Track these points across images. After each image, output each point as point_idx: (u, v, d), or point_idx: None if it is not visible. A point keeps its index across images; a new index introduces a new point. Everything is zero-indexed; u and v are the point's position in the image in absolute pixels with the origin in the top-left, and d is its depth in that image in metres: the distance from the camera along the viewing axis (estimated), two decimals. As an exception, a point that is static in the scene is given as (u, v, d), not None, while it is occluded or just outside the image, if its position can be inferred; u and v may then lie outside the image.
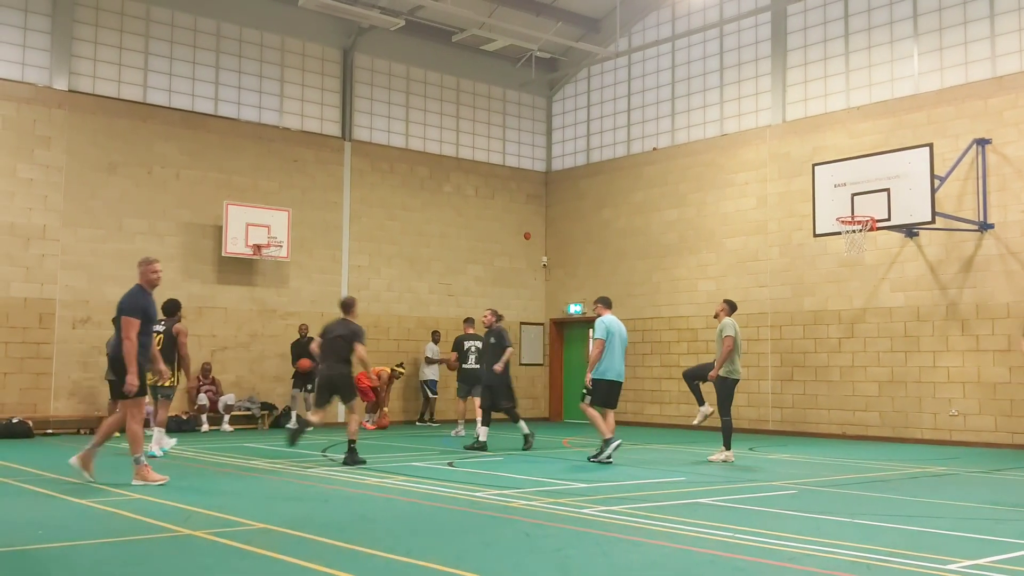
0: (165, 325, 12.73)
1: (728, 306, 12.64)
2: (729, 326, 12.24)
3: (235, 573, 5.61)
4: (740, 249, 18.59)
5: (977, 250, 15.35)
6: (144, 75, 17.66)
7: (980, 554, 6.12)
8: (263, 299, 18.37)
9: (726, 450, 12.26)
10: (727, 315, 12.48)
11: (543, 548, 6.32)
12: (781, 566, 5.78)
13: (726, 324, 12.28)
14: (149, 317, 9.41)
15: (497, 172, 22.02)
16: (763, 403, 18.01)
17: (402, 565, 5.73)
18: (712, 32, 19.68)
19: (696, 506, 8.27)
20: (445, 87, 21.51)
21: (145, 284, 9.56)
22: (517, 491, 9.02)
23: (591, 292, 21.37)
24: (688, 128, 20.01)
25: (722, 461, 12.15)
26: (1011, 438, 14.78)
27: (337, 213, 19.56)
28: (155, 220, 17.40)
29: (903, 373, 16.09)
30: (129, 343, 9.18)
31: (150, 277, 9.60)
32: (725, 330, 12.22)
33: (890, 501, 8.81)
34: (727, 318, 12.42)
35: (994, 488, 10.03)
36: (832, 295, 17.08)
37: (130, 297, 9.39)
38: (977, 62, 15.79)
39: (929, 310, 15.87)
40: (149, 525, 7.03)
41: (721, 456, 12.24)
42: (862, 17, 17.31)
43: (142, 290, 9.50)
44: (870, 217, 14.88)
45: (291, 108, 19.32)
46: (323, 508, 8.17)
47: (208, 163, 18.07)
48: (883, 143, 16.24)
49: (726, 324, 12.28)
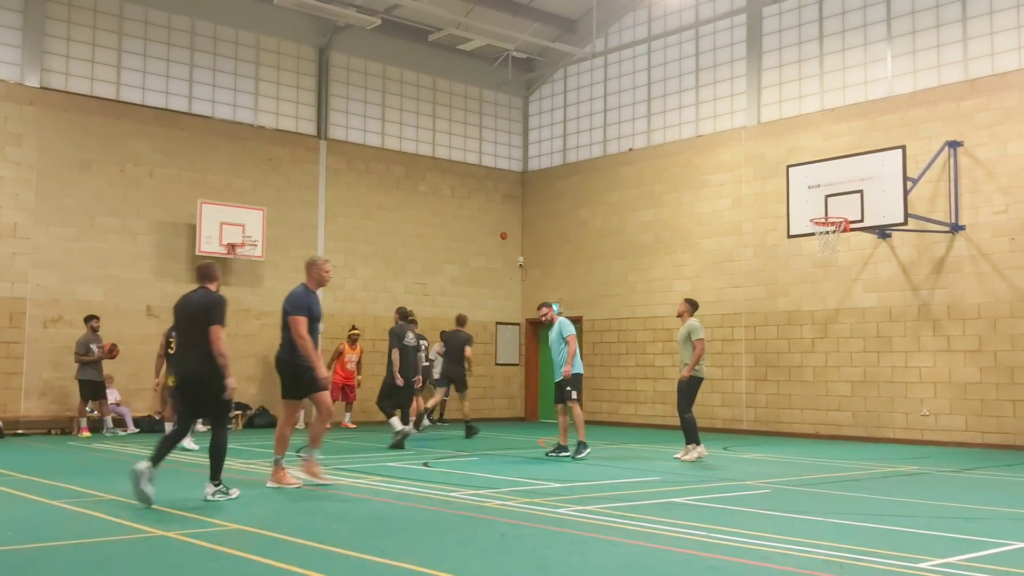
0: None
1: (691, 306, 12.58)
2: (698, 328, 12.25)
3: (208, 574, 5.57)
4: (715, 250, 18.68)
5: (949, 251, 15.50)
6: (117, 72, 17.52)
7: (951, 552, 6.18)
8: (237, 298, 18.23)
9: (696, 446, 12.29)
10: (691, 315, 12.45)
11: (518, 548, 6.32)
12: (756, 565, 5.81)
13: (695, 327, 12.26)
14: (314, 315, 9.27)
15: (473, 172, 22.01)
16: (737, 403, 18.10)
17: (376, 565, 5.71)
18: (688, 33, 19.76)
19: (671, 505, 8.29)
20: (421, 86, 21.47)
21: (315, 283, 9.49)
22: (492, 491, 9.01)
23: (567, 292, 21.43)
24: (664, 129, 20.08)
25: (696, 458, 12.15)
26: (981, 438, 14.94)
27: (312, 212, 19.48)
28: (128, 219, 17.26)
29: (875, 373, 16.23)
30: (304, 341, 9.10)
31: (322, 275, 9.57)
32: (695, 332, 12.20)
33: (863, 500, 8.88)
34: (692, 319, 12.39)
35: (965, 487, 10.14)
36: (806, 296, 17.20)
37: (296, 296, 9.27)
38: (949, 65, 15.95)
39: (901, 311, 16.01)
40: (122, 526, 6.97)
41: (694, 454, 12.25)
42: (836, 20, 17.44)
43: (307, 289, 9.41)
44: (843, 218, 14.99)
45: (266, 107, 19.22)
46: (297, 509, 8.13)
47: (182, 161, 17.94)
48: (857, 145, 16.36)
49: (695, 327, 12.26)
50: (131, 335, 17.05)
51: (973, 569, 5.66)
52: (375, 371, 19.79)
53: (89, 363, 15.56)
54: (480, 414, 21.02)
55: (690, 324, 12.30)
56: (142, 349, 17.20)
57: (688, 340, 12.25)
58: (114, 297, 17.01)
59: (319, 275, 9.50)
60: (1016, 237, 14.80)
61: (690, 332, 12.23)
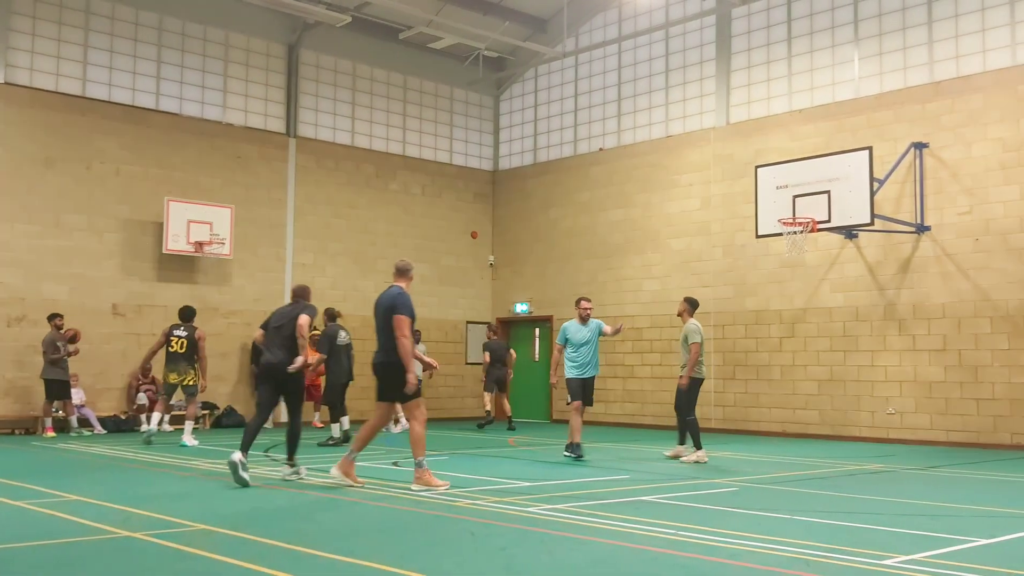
0: (187, 331, 14.08)
1: (690, 305, 12.33)
2: (695, 331, 12.01)
3: (175, 575, 5.52)
4: (684, 249, 18.78)
5: (914, 252, 15.68)
6: (83, 68, 17.32)
7: (916, 549, 6.25)
8: (205, 297, 18.10)
9: (698, 450, 11.90)
10: (691, 315, 12.21)
11: (488, 547, 6.32)
12: (722, 563, 5.84)
13: (692, 330, 12.01)
14: (414, 317, 9.25)
15: (444, 171, 21.97)
16: (705, 401, 18.16)
17: (345, 565, 5.69)
18: (658, 34, 19.84)
19: (640, 504, 8.33)
20: (392, 84, 21.40)
21: (408, 285, 9.40)
22: (462, 490, 9.00)
23: (538, 291, 21.45)
24: (634, 129, 20.15)
25: (695, 462, 11.76)
26: (946, 435, 15.12)
27: (281, 210, 19.36)
28: (94, 216, 17.07)
29: (842, 372, 16.38)
30: (407, 341, 9.01)
31: (412, 277, 9.60)
32: (692, 336, 11.95)
33: (829, 498, 8.96)
34: (692, 320, 12.15)
35: (930, 485, 10.26)
36: (773, 295, 17.32)
37: (401, 297, 9.15)
38: (915, 68, 16.13)
39: (867, 310, 16.17)
40: (86, 527, 6.89)
41: (694, 456, 11.86)
42: (804, 22, 17.58)
43: (405, 291, 9.31)
44: (811, 219, 15.12)
45: (235, 104, 19.08)
46: (265, 509, 8.07)
47: (149, 159, 17.76)
48: (824, 146, 16.51)
49: (692, 330, 12.01)
50: (96, 334, 16.87)
51: (938, 566, 5.72)
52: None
53: (56, 362, 15.37)
54: (450, 413, 21.02)
55: (688, 326, 12.07)
56: (108, 348, 17.04)
57: (685, 342, 12.05)
58: (79, 295, 16.82)
59: (411, 277, 9.50)
60: (980, 238, 15.00)
61: (687, 335, 12.01)
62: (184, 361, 14.03)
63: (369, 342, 20.78)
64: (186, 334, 14.07)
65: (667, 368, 18.75)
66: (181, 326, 14.20)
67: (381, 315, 9.11)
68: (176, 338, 14.09)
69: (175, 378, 13.99)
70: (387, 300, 9.17)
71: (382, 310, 9.14)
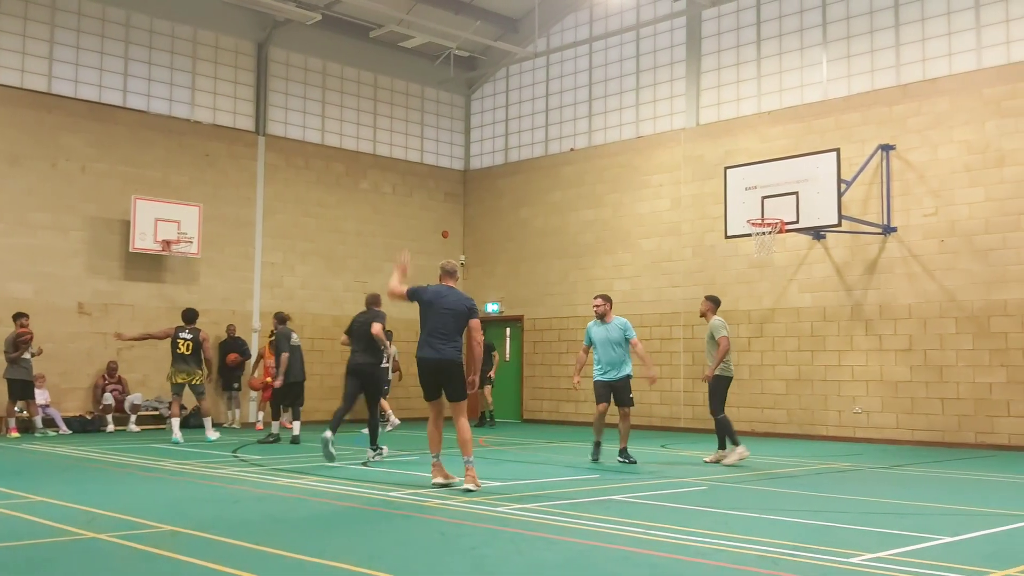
0: (191, 333, 14.67)
1: (713, 303, 12.08)
2: (721, 327, 11.76)
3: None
4: (655, 250, 18.85)
5: (881, 252, 15.84)
6: (49, 64, 17.09)
7: (882, 547, 6.31)
8: (172, 296, 17.94)
9: (736, 446, 11.66)
10: (714, 313, 11.97)
11: (458, 547, 6.31)
12: (693, 561, 5.87)
13: (717, 325, 11.78)
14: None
15: (415, 170, 21.91)
16: (675, 401, 18.29)
17: (314, 566, 5.66)
18: (629, 35, 19.91)
19: (609, 503, 8.34)
20: (362, 83, 21.32)
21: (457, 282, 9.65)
22: (432, 490, 8.98)
23: (509, 291, 21.45)
24: (605, 129, 20.20)
25: (738, 460, 11.52)
26: (911, 435, 15.29)
27: (250, 209, 19.23)
28: (60, 214, 16.86)
29: (809, 372, 16.52)
30: (480, 346, 9.44)
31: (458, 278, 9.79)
32: (718, 331, 11.72)
33: (797, 496, 9.03)
34: (716, 317, 11.91)
35: (895, 483, 10.37)
36: (742, 295, 17.43)
37: (469, 299, 9.40)
38: (882, 70, 16.29)
39: (835, 310, 16.32)
40: (51, 528, 6.81)
41: (734, 456, 11.58)
42: (773, 24, 17.71)
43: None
44: (779, 219, 15.23)
45: (203, 101, 18.91)
46: (233, 509, 8.01)
47: (116, 156, 17.57)
48: (793, 147, 16.64)
49: (717, 325, 11.78)
50: (62, 333, 16.67)
51: (902, 564, 5.78)
52: (312, 370, 19.60)
53: (15, 360, 15.16)
54: (420, 414, 20.93)
55: (713, 323, 11.84)
56: (73, 347, 16.84)
57: (711, 339, 11.81)
58: (45, 294, 16.61)
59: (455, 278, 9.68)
60: (945, 239, 15.18)
61: (712, 331, 11.79)
62: (190, 362, 14.59)
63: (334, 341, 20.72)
64: (191, 336, 14.64)
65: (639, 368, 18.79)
66: (186, 328, 14.75)
67: (451, 315, 9.16)
68: (182, 340, 14.61)
69: (183, 378, 14.55)
70: (459, 302, 9.26)
71: (452, 311, 9.17)
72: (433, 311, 9.17)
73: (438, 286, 9.38)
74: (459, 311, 9.19)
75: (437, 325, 9.13)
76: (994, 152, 14.85)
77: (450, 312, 9.15)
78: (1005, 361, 14.49)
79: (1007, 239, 14.60)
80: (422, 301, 9.25)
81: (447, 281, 9.44)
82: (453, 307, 9.18)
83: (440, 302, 9.20)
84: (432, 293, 9.27)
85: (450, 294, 9.31)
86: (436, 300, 9.21)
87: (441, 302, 9.20)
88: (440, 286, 9.38)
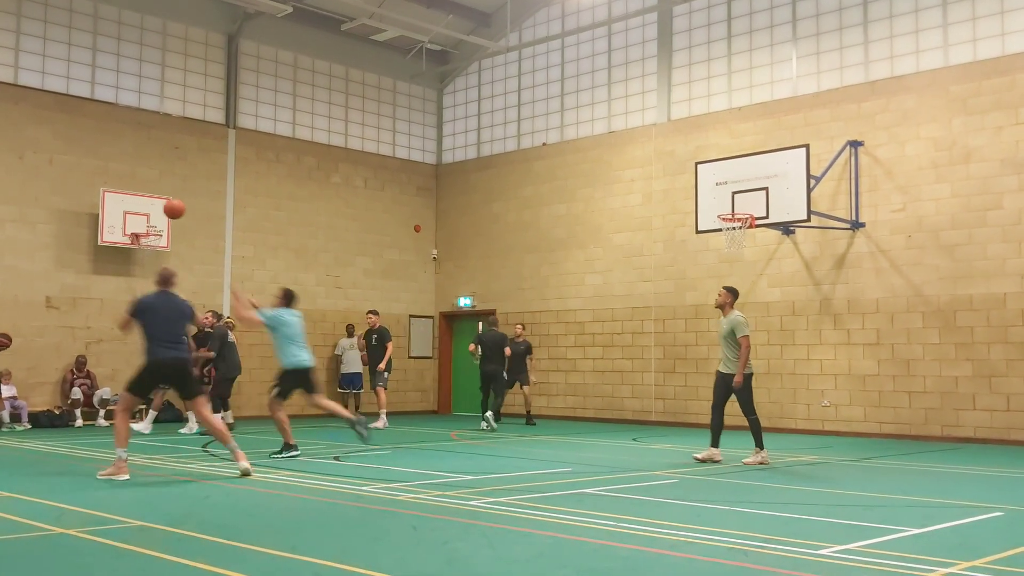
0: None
1: (732, 295, 11.28)
2: (744, 324, 11.08)
3: (113, 573, 5.43)
4: (626, 244, 18.93)
5: (849, 248, 16.00)
6: (15, 55, 16.88)
7: (850, 539, 6.39)
8: (142, 289, 17.69)
9: (761, 450, 11.23)
10: (732, 306, 11.23)
11: (430, 541, 6.32)
12: (663, 553, 5.92)
13: (740, 323, 11.07)
14: None
15: (387, 164, 21.85)
16: (646, 394, 18.38)
17: (286, 561, 5.65)
18: (600, 30, 19.95)
19: (581, 496, 8.39)
20: (334, 76, 21.22)
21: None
22: (404, 484, 8.98)
23: (481, 285, 21.46)
24: (577, 124, 20.25)
25: (759, 463, 11.07)
26: (879, 427, 15.48)
27: (220, 202, 19.09)
28: (26, 207, 16.66)
29: (779, 365, 16.67)
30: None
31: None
32: (741, 329, 11.01)
33: (766, 489, 9.12)
34: (737, 312, 11.22)
35: (863, 476, 10.49)
36: (713, 290, 17.47)
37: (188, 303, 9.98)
38: (851, 67, 16.44)
39: (804, 305, 16.47)
40: (19, 524, 6.75)
41: (758, 458, 11.16)
42: (744, 20, 17.82)
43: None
44: (749, 215, 15.34)
45: (172, 93, 18.75)
46: (204, 505, 7.98)
47: (84, 149, 17.39)
48: (763, 143, 16.76)
49: (740, 323, 11.07)
50: (29, 327, 16.48)
51: (870, 555, 5.86)
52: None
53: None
54: (392, 407, 20.90)
55: (734, 319, 11.10)
56: (41, 342, 16.66)
57: (731, 336, 11.08)
58: (11, 288, 16.41)
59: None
60: (912, 235, 15.36)
61: (734, 328, 11.05)
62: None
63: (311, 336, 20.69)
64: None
65: (608, 362, 18.92)
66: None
67: (179, 319, 9.77)
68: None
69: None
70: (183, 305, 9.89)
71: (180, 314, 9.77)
72: (160, 317, 9.58)
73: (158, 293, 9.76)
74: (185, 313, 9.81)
75: (168, 329, 9.56)
76: (960, 149, 15.04)
77: (177, 315, 9.71)
78: (971, 355, 14.70)
79: (973, 235, 14.80)
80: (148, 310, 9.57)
81: (166, 287, 9.83)
82: (180, 310, 9.77)
83: (164, 309, 9.63)
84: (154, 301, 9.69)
85: (172, 300, 9.80)
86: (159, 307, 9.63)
87: (165, 309, 9.65)
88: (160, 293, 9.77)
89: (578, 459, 11.73)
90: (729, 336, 11.14)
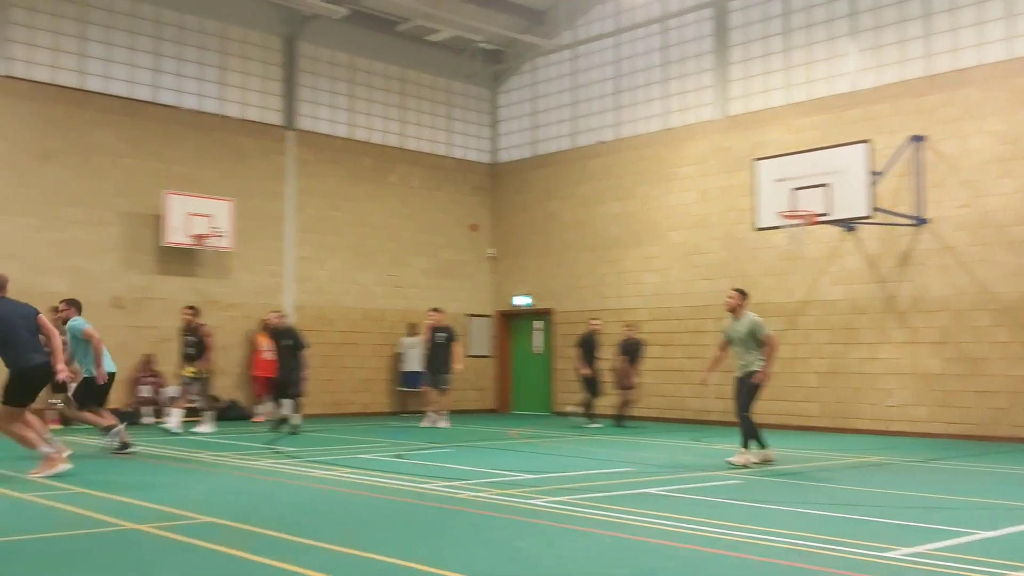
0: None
1: (742, 296, 11.08)
2: (763, 324, 10.89)
3: (180, 567, 5.53)
4: (683, 242, 18.78)
5: (913, 244, 15.69)
6: (80, 60, 17.26)
7: (919, 541, 6.27)
8: (205, 290, 18.09)
9: (744, 450, 10.92)
10: (744, 308, 11.01)
11: (492, 539, 6.34)
12: (721, 554, 5.87)
13: (760, 323, 10.89)
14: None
15: (442, 163, 21.95)
16: (706, 394, 18.20)
17: (350, 557, 5.71)
18: (655, 27, 19.81)
19: (643, 496, 8.35)
20: (390, 77, 21.37)
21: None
22: (465, 482, 9.02)
23: (537, 284, 21.46)
24: (633, 122, 20.14)
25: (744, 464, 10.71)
26: (945, 428, 15.16)
27: (280, 203, 19.33)
28: (92, 209, 17.03)
29: (842, 364, 16.41)
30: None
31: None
32: (761, 329, 10.80)
33: (831, 490, 8.99)
34: (752, 313, 11.00)
35: (930, 477, 10.29)
36: (773, 288, 17.34)
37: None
38: (912, 61, 16.12)
39: (867, 303, 16.20)
40: (91, 519, 6.91)
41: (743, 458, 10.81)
42: (801, 15, 17.57)
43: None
44: (810, 211, 15.12)
45: (232, 96, 19.03)
46: (269, 501, 8.09)
47: (147, 151, 17.73)
48: (822, 139, 16.50)
49: (760, 323, 10.89)
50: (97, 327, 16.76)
51: (941, 559, 5.75)
52: (344, 363, 19.77)
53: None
54: (451, 406, 21.01)
55: (753, 321, 10.88)
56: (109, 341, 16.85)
57: (751, 337, 10.82)
58: (79, 289, 16.73)
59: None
60: (978, 231, 15.01)
61: (754, 330, 10.81)
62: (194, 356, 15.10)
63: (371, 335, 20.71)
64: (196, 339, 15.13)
65: (667, 360, 18.78)
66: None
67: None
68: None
69: (191, 371, 15.08)
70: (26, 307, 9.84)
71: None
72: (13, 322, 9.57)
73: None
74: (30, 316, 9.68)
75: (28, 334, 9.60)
76: (1028, 142, 14.66)
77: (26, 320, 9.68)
78: (1040, 353, 14.32)
79: (1042, 230, 14.42)
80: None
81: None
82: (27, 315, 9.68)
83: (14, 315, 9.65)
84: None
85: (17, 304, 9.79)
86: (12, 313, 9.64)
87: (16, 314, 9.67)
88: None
89: (639, 459, 11.68)
90: (748, 338, 10.85)
